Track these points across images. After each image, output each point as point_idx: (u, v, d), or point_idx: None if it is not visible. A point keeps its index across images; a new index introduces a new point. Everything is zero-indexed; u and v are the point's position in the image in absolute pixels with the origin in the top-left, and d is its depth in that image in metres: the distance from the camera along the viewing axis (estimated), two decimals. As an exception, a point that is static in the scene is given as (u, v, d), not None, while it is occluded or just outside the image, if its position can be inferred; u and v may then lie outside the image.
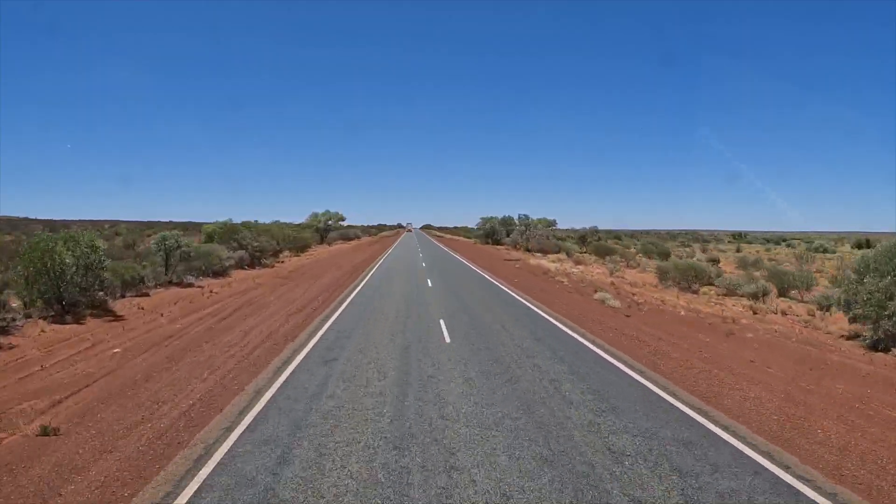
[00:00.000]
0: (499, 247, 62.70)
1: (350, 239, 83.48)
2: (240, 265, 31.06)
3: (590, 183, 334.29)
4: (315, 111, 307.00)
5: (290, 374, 9.45)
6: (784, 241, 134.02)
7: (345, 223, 77.20)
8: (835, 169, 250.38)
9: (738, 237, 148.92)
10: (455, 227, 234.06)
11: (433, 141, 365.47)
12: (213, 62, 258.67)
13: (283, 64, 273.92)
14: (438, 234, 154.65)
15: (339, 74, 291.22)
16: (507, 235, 58.95)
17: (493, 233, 72.39)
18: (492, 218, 73.33)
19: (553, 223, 59.83)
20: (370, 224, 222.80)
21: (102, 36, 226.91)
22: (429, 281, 25.53)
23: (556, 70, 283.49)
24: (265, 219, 70.37)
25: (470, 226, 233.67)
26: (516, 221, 59.95)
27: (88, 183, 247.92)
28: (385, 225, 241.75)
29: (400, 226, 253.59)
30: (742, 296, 22.62)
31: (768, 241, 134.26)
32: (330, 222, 72.33)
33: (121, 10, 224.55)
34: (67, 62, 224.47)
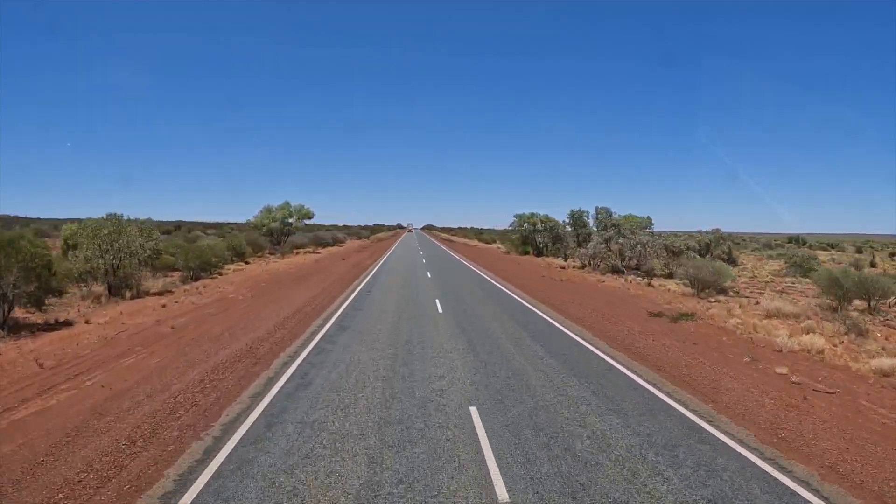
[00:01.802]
0: (546, 258, 38.52)
1: (325, 245, 59.13)
2: None
3: (589, 183, 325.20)
4: (315, 111, 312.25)
5: None
6: (831, 245, 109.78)
7: (313, 220, 52.91)
8: (835, 169, 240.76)
9: (796, 241, 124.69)
10: (460, 228, 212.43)
11: (433, 141, 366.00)
12: (213, 62, 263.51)
13: (283, 64, 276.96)
14: (446, 236, 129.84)
15: (339, 74, 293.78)
16: (579, 244, 34.59)
17: (532, 238, 48.14)
18: (532, 216, 49.04)
19: (648, 223, 35.63)
20: (368, 224, 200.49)
21: (102, 36, 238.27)
22: None
23: (556, 70, 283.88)
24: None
25: (473, 226, 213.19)
26: (589, 221, 35.62)
27: (88, 182, 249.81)
28: (382, 225, 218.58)
29: (400, 226, 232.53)
30: None
31: (826, 245, 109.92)
32: (290, 220, 48.07)
33: (121, 10, 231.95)
34: (67, 62, 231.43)
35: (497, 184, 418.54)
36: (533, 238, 48.37)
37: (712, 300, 21.05)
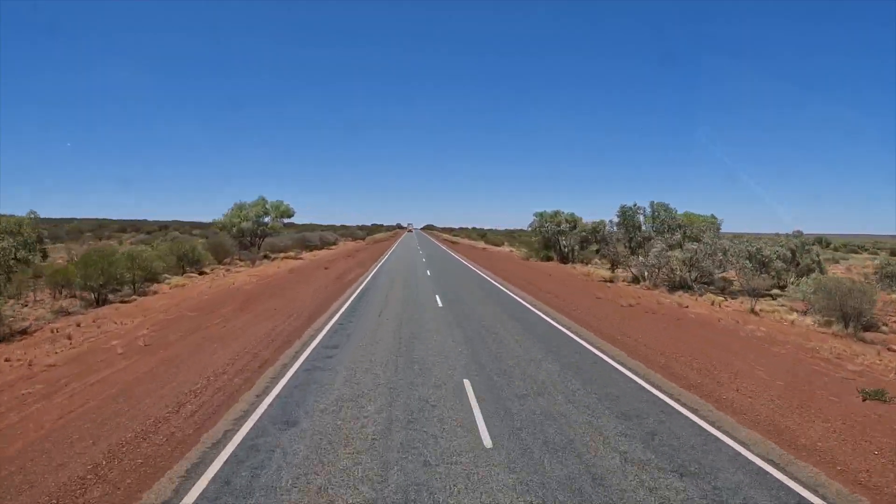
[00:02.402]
0: (575, 266, 30.37)
1: (312, 248, 51.19)
2: None
3: (589, 183, 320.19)
4: (315, 111, 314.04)
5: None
6: (861, 247, 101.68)
7: (310, 220, 45.27)
8: (835, 169, 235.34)
9: (819, 242, 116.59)
10: (461, 228, 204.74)
11: (433, 141, 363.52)
12: (213, 62, 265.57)
13: (283, 64, 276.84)
14: (447, 237, 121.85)
15: (339, 74, 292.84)
16: (632, 250, 26.50)
17: (555, 241, 40.32)
18: (556, 214, 41.10)
19: (714, 223, 27.68)
20: (367, 224, 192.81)
21: (102, 36, 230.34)
22: None
23: (556, 70, 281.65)
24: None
25: (475, 226, 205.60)
26: (641, 220, 27.50)
27: (88, 182, 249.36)
28: (381, 225, 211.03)
29: (399, 226, 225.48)
30: None
31: (857, 247, 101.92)
32: (266, 219, 40.13)
33: (121, 10, 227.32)
34: (67, 62, 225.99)
35: (497, 184, 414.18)
36: (556, 241, 40.45)
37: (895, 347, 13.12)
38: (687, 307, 18.37)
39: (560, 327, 13.37)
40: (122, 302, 18.23)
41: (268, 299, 17.72)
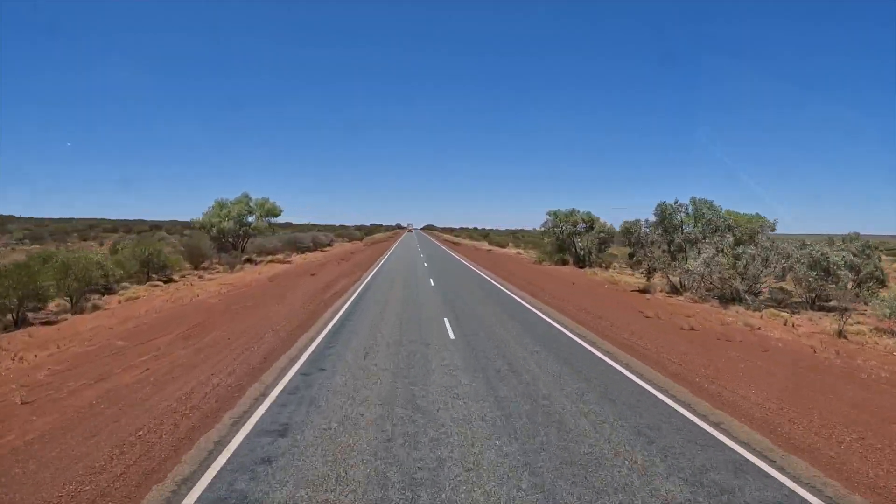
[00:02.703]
0: (596, 271, 26.40)
1: (304, 250, 47.36)
2: None
3: (589, 183, 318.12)
4: (315, 111, 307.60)
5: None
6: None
7: (290, 219, 41.68)
8: (835, 169, 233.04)
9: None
10: (462, 228, 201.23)
11: (433, 141, 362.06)
12: (213, 62, 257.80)
13: (283, 64, 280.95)
14: (448, 237, 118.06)
15: (339, 74, 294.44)
16: (672, 255, 22.43)
17: (570, 243, 36.66)
18: (572, 213, 37.35)
19: (768, 224, 23.80)
20: (366, 224, 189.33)
21: (102, 36, 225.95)
22: None
23: (556, 70, 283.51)
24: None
25: (475, 227, 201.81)
26: (682, 220, 23.53)
27: (88, 182, 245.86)
28: (380, 225, 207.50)
29: (399, 226, 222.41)
30: None
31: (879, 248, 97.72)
32: (250, 219, 36.35)
33: (121, 10, 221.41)
34: (67, 62, 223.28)
35: (497, 184, 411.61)
36: (572, 242, 36.69)
37: None
38: (759, 329, 14.59)
39: (633, 377, 9.21)
40: (45, 323, 14.46)
41: (228, 321, 13.91)
